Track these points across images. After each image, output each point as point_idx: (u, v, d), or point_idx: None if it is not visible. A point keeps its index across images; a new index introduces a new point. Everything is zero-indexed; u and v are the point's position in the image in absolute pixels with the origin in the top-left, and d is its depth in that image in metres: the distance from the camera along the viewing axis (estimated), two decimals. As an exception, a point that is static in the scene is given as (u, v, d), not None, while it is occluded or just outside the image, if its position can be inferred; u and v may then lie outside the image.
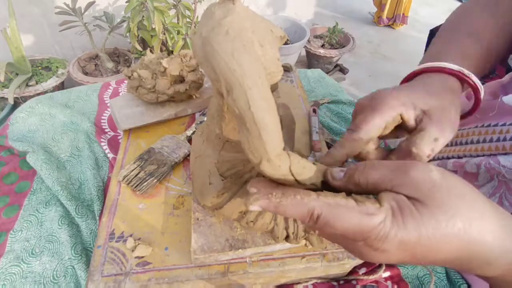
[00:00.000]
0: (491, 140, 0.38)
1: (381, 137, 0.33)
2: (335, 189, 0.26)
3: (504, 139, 0.36)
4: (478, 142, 0.39)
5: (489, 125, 0.38)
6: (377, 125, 0.31)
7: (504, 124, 0.37)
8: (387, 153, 0.33)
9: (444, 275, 0.46)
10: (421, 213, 0.20)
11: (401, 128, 0.33)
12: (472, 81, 0.34)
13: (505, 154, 0.36)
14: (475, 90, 0.35)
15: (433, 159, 0.47)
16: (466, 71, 0.34)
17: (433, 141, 0.30)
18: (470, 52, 0.39)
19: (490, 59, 0.42)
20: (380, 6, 2.55)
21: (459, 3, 3.07)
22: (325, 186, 0.28)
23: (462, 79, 0.35)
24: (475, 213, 0.21)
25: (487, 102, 0.42)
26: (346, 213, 0.21)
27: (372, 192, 0.23)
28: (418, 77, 0.36)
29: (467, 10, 0.46)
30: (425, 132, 0.30)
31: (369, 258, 0.23)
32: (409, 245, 0.21)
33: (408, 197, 0.21)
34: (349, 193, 0.24)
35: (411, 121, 0.31)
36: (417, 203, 0.21)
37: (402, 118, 0.31)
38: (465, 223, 0.20)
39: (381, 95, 0.32)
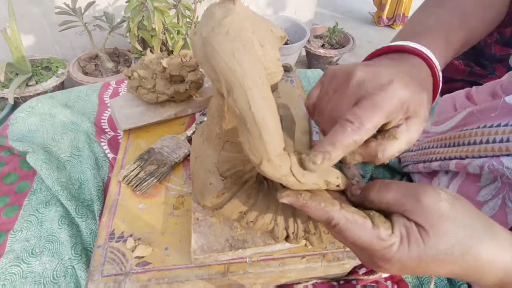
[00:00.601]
0: (494, 141, 0.37)
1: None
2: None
3: (508, 140, 0.36)
4: (481, 143, 0.39)
5: (491, 126, 0.38)
6: (379, 123, 0.27)
7: (506, 125, 0.37)
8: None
9: (444, 275, 0.46)
10: (425, 242, 0.23)
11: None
12: (436, 69, 0.32)
13: (508, 155, 0.36)
14: (434, 71, 0.32)
15: (435, 160, 0.47)
16: (434, 59, 0.32)
17: (397, 152, 0.28)
18: (454, 38, 0.37)
19: (472, 35, 0.40)
20: (380, 6, 2.55)
21: (459, 3, 3.07)
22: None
23: (430, 65, 0.32)
24: (474, 241, 0.23)
25: (489, 103, 0.42)
26: (360, 230, 0.24)
27: (384, 211, 0.26)
28: (396, 57, 0.32)
29: None
30: (396, 142, 0.28)
31: (371, 266, 0.26)
32: (409, 267, 0.23)
33: (417, 224, 0.23)
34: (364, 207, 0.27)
35: (392, 123, 0.28)
36: (424, 231, 0.23)
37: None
38: (463, 251, 0.23)
39: (378, 94, 0.27)
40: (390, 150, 0.28)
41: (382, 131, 0.29)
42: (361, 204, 0.27)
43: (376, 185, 0.26)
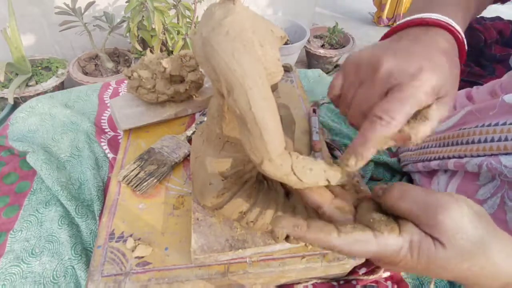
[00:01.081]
0: (492, 140, 0.37)
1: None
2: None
3: (506, 139, 0.36)
4: (479, 142, 0.39)
5: (489, 125, 0.38)
6: (412, 112, 0.26)
7: (504, 123, 0.37)
8: None
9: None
10: (437, 253, 0.23)
11: None
12: (464, 43, 0.31)
13: (507, 154, 0.36)
14: (462, 47, 0.31)
15: (434, 159, 0.47)
16: (461, 33, 0.30)
17: (430, 131, 0.27)
18: (471, 3, 0.35)
19: (483, 7, 0.39)
20: (380, 6, 2.55)
21: (459, 3, 3.07)
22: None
23: (457, 38, 0.30)
24: (484, 259, 0.23)
25: (488, 102, 0.42)
26: (365, 246, 0.24)
27: (399, 216, 0.25)
28: (427, 32, 0.29)
29: None
30: (428, 123, 0.27)
31: (387, 268, 0.26)
32: (415, 271, 0.24)
33: (432, 237, 0.23)
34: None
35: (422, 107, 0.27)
36: (438, 243, 0.23)
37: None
38: (472, 265, 0.23)
39: (420, 75, 0.25)
40: (423, 131, 0.27)
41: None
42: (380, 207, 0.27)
43: (393, 191, 0.25)
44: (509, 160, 0.35)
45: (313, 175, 0.28)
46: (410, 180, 0.59)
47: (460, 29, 0.29)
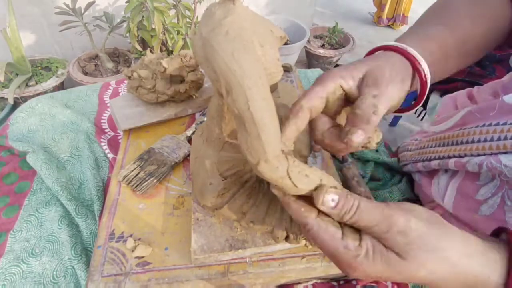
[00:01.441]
0: (492, 139, 0.38)
1: (330, 115, 0.35)
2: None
3: (505, 138, 0.36)
4: (479, 141, 0.39)
5: (490, 124, 0.38)
6: (319, 93, 0.32)
7: (505, 123, 0.37)
8: (339, 130, 0.33)
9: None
10: (394, 261, 0.25)
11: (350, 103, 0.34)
12: (415, 58, 0.35)
13: (506, 153, 0.36)
14: (415, 65, 0.35)
15: (434, 159, 0.47)
16: (410, 50, 0.35)
17: (372, 98, 0.30)
18: (438, 33, 0.40)
19: (466, 41, 0.42)
20: (380, 6, 2.55)
21: (459, 3, 3.07)
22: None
23: (408, 57, 0.35)
24: (441, 264, 0.25)
25: (488, 102, 0.42)
26: (330, 239, 0.26)
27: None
28: (384, 53, 0.37)
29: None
30: (364, 94, 0.31)
31: (341, 270, 0.27)
32: (375, 275, 0.26)
33: (386, 247, 0.25)
34: None
35: (353, 91, 0.33)
36: (391, 252, 0.25)
37: (344, 90, 0.33)
38: (428, 272, 0.25)
39: (329, 71, 0.34)
40: (363, 103, 0.30)
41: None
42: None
43: (352, 207, 0.26)
44: (509, 160, 0.35)
45: (309, 182, 0.28)
46: (410, 180, 0.59)
47: (414, 52, 0.35)
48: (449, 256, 0.25)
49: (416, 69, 0.35)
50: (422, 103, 0.38)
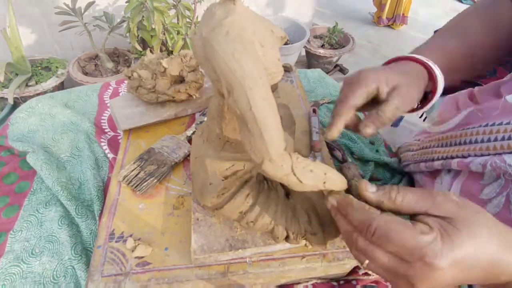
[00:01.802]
0: (495, 139, 0.38)
1: (360, 109, 0.40)
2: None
3: (509, 138, 0.36)
4: (482, 141, 0.40)
5: (493, 124, 0.39)
6: (363, 94, 0.38)
7: (508, 123, 0.37)
8: (357, 119, 0.39)
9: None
10: (460, 231, 0.24)
11: (374, 103, 0.39)
12: (433, 70, 0.41)
13: (511, 152, 0.36)
14: (433, 77, 0.41)
15: (437, 159, 0.47)
16: (430, 63, 0.41)
17: (395, 109, 0.37)
18: (448, 46, 0.46)
19: (474, 54, 0.47)
20: (380, 6, 2.55)
21: (458, 3, 3.07)
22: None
23: (427, 68, 0.41)
24: (496, 230, 0.25)
25: (490, 102, 0.42)
26: (403, 229, 0.24)
27: (404, 213, 0.26)
28: (395, 63, 0.43)
29: (464, 12, 0.52)
30: (390, 102, 0.37)
31: (422, 279, 0.24)
32: (458, 260, 0.23)
33: (442, 218, 0.25)
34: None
35: (383, 94, 0.38)
36: (450, 224, 0.24)
37: (377, 91, 0.38)
38: (496, 242, 0.24)
39: (365, 73, 0.39)
40: (387, 109, 0.36)
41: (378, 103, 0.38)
42: (373, 205, 0.28)
43: (395, 187, 0.27)
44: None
45: (314, 177, 0.28)
46: (411, 180, 0.59)
47: (427, 61, 0.41)
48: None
49: (432, 79, 0.41)
50: (425, 108, 0.43)
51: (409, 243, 0.23)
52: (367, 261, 0.26)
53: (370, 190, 0.28)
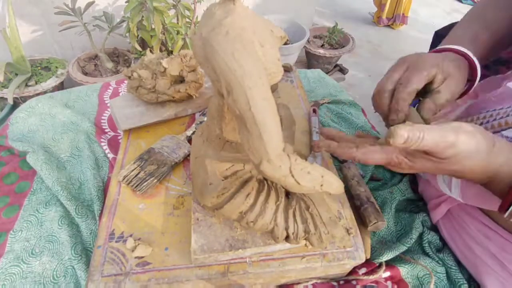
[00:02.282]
0: (494, 120, 0.41)
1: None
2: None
3: (507, 115, 0.39)
4: (481, 124, 0.43)
5: (494, 110, 0.42)
6: (424, 79, 0.40)
7: (509, 107, 0.40)
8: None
9: (444, 275, 0.46)
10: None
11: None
12: (474, 62, 0.44)
13: (508, 128, 0.39)
14: (474, 69, 0.44)
15: None
16: (471, 55, 0.44)
17: (444, 101, 0.41)
18: (479, 38, 0.48)
19: (497, 44, 0.50)
20: (380, 6, 2.55)
21: (458, 3, 3.07)
22: None
23: (468, 59, 0.44)
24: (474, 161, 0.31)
25: (491, 92, 0.45)
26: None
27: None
28: (443, 53, 0.45)
29: (485, 3, 0.54)
30: (441, 94, 0.41)
31: (438, 161, 0.32)
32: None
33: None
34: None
35: (437, 81, 0.41)
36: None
37: (433, 79, 0.41)
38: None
39: (425, 57, 0.41)
40: (438, 101, 0.40)
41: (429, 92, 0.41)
42: None
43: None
44: (510, 132, 0.36)
45: (311, 178, 0.28)
46: (412, 180, 0.59)
47: (468, 52, 0.44)
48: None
49: (472, 69, 0.44)
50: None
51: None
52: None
53: (398, 141, 0.31)
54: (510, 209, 0.32)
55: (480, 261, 0.44)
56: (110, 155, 0.59)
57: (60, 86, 1.44)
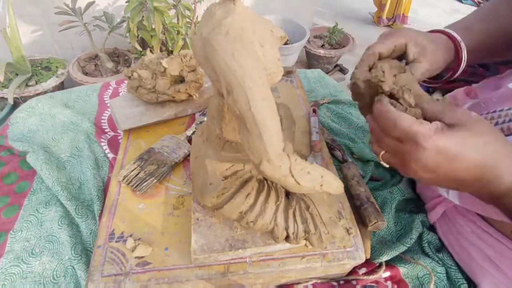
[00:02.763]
0: (496, 124, 0.40)
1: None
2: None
3: (510, 121, 0.39)
4: None
5: (494, 111, 0.41)
6: (390, 44, 0.41)
7: (509, 109, 0.39)
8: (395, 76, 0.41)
9: (444, 275, 0.46)
10: (457, 130, 0.29)
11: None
12: (458, 42, 0.44)
13: (510, 135, 0.38)
14: (458, 50, 0.45)
15: None
16: (456, 35, 0.45)
17: (425, 71, 0.41)
18: (472, 27, 0.48)
19: (500, 36, 0.49)
20: (380, 6, 2.55)
21: (458, 3, 3.07)
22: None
23: (453, 40, 0.45)
24: (492, 138, 0.29)
25: (492, 93, 0.44)
26: (407, 119, 0.30)
27: (429, 120, 0.31)
28: (433, 35, 0.46)
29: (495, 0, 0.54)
30: (420, 64, 0.41)
31: (411, 157, 0.31)
32: (444, 149, 0.29)
33: (449, 124, 0.30)
34: None
35: (411, 54, 0.41)
36: (457, 126, 0.30)
37: (406, 49, 0.42)
38: (486, 143, 0.29)
39: (399, 29, 0.43)
40: (418, 71, 0.40)
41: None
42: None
43: (426, 98, 0.33)
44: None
45: (311, 179, 0.28)
46: (410, 180, 0.59)
47: (453, 33, 0.45)
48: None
49: (457, 50, 0.45)
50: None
51: (407, 128, 0.30)
52: (383, 152, 0.34)
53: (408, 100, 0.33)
54: None
55: (475, 264, 0.44)
56: (110, 155, 0.59)
57: (60, 86, 1.44)
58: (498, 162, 0.29)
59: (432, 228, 0.53)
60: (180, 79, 0.59)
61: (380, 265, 0.45)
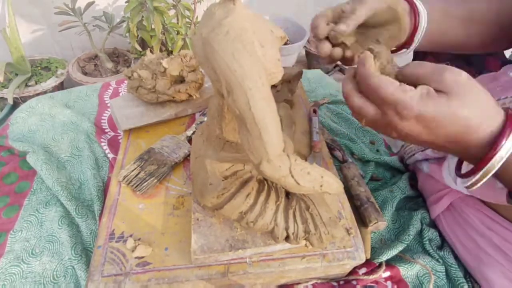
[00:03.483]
0: None
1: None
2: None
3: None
4: None
5: (499, 99, 0.41)
6: (363, 14, 0.39)
7: (505, 97, 0.39)
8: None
9: (444, 274, 0.46)
10: (441, 98, 0.28)
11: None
12: (416, 6, 0.42)
13: None
14: (416, 13, 0.43)
15: None
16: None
17: (368, 9, 0.39)
18: (449, 3, 0.46)
19: (472, 20, 0.46)
20: (380, 6, 2.55)
21: (458, 3, 3.07)
22: None
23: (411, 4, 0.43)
24: (479, 108, 0.28)
25: (493, 83, 0.44)
26: (389, 85, 0.29)
27: (414, 84, 0.30)
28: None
29: None
30: (357, 10, 0.39)
31: (393, 126, 0.30)
32: (425, 118, 0.28)
33: (437, 90, 0.28)
34: None
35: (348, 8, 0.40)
36: (442, 93, 0.28)
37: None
38: (469, 113, 0.28)
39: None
40: (358, 12, 0.39)
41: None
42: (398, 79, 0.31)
43: (411, 64, 0.31)
44: None
45: (311, 179, 0.28)
46: (413, 177, 0.59)
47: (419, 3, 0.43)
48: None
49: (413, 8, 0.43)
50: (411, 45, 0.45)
51: (388, 95, 0.28)
52: (364, 120, 0.33)
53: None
54: None
55: (483, 253, 0.44)
56: (110, 155, 0.59)
57: (60, 86, 1.44)
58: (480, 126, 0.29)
59: (431, 224, 0.53)
60: (180, 79, 0.59)
61: (380, 265, 0.45)
